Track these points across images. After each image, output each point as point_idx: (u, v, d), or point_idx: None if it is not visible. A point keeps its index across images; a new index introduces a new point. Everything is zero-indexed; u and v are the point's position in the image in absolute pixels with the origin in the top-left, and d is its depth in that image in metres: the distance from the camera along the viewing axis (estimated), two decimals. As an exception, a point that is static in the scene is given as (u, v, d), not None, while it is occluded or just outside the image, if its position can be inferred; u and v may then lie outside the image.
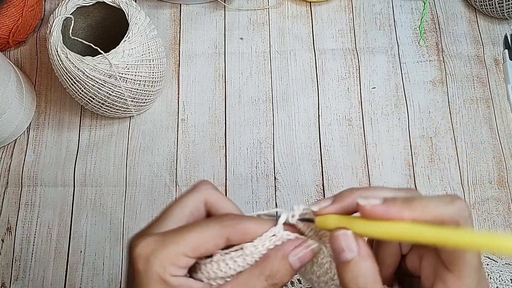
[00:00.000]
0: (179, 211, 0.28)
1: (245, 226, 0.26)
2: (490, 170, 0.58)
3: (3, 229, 0.56)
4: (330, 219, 0.26)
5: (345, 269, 0.24)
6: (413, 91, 0.62)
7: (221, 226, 0.26)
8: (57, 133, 0.60)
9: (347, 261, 0.24)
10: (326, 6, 0.66)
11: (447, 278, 0.24)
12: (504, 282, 0.52)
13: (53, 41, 0.50)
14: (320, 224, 0.27)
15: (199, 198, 0.28)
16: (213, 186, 0.29)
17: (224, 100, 0.61)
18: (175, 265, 0.25)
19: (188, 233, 0.26)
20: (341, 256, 0.25)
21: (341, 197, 0.26)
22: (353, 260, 0.24)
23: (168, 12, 0.66)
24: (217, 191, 0.29)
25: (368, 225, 0.24)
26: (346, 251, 0.24)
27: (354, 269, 0.24)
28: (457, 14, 0.66)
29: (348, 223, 0.25)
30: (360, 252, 0.24)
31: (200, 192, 0.29)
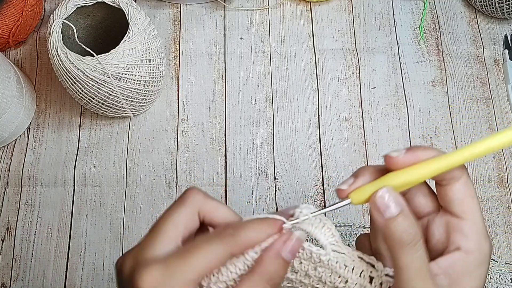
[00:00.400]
0: (173, 228, 0.27)
1: (245, 238, 0.26)
2: (490, 170, 0.58)
3: (3, 229, 0.56)
4: (367, 188, 0.27)
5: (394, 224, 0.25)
6: (413, 91, 0.62)
7: (223, 245, 0.26)
8: (57, 133, 0.60)
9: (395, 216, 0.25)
10: (326, 6, 0.66)
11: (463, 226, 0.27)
12: (504, 281, 0.52)
13: (53, 41, 0.50)
14: (357, 199, 0.27)
15: (191, 211, 0.27)
16: (203, 194, 0.28)
17: (224, 100, 0.61)
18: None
19: (193, 258, 0.25)
20: (387, 212, 0.26)
21: (361, 171, 0.28)
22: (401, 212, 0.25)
23: (168, 12, 0.66)
24: (208, 198, 0.28)
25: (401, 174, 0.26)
26: (392, 206, 0.25)
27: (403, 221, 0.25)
28: (457, 14, 0.66)
29: (383, 182, 0.27)
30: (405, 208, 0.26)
31: (191, 204, 0.28)
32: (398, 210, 0.26)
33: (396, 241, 0.25)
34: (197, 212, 0.28)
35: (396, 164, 0.27)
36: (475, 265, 0.27)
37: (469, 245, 0.27)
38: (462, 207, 0.27)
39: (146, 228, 0.54)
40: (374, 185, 0.27)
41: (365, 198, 0.27)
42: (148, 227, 0.28)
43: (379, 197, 0.26)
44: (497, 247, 0.54)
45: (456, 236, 0.27)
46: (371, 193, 0.27)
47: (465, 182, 0.28)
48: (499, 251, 0.54)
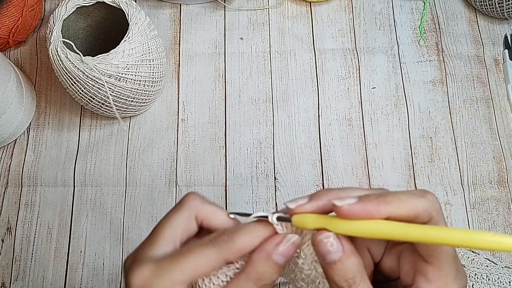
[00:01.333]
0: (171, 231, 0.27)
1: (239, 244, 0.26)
2: (490, 170, 0.58)
3: (3, 229, 0.56)
4: (308, 218, 0.26)
5: (333, 269, 0.25)
6: (413, 91, 0.62)
7: (216, 250, 0.26)
8: (57, 133, 0.60)
9: (334, 261, 0.25)
10: (326, 6, 0.66)
11: (427, 270, 0.25)
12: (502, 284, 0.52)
13: (53, 41, 0.50)
14: (297, 222, 0.26)
15: (189, 215, 0.28)
16: (201, 199, 0.28)
17: (224, 100, 0.61)
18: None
19: (184, 260, 0.25)
20: (327, 258, 0.25)
21: (318, 196, 0.26)
22: (339, 259, 0.25)
23: (168, 12, 0.66)
24: (206, 203, 0.28)
25: (347, 224, 0.24)
26: (332, 252, 0.25)
27: (342, 267, 0.25)
28: (457, 14, 0.66)
29: (327, 222, 0.25)
30: (345, 250, 0.25)
31: (189, 208, 0.28)
32: (337, 256, 0.25)
33: (335, 286, 0.25)
34: (195, 216, 0.28)
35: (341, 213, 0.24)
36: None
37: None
38: (428, 251, 0.25)
39: (146, 228, 0.54)
40: (318, 221, 0.26)
41: (304, 227, 0.26)
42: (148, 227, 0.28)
43: (319, 241, 0.25)
44: (497, 247, 0.54)
45: (420, 279, 0.26)
46: (311, 226, 0.26)
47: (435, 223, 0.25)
48: (499, 252, 0.54)
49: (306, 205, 0.26)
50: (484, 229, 0.55)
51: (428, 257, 0.25)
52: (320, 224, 0.25)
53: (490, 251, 0.22)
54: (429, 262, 0.25)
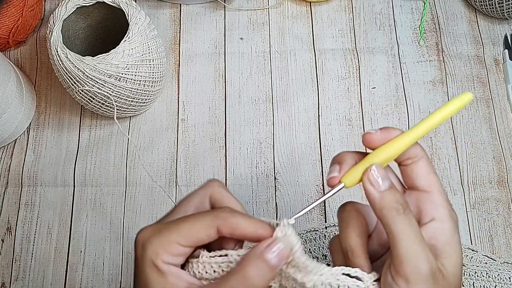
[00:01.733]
0: (185, 206, 0.30)
1: (235, 220, 0.27)
2: (490, 170, 0.58)
3: (3, 229, 0.56)
4: (355, 171, 0.29)
5: (390, 195, 0.28)
6: (413, 91, 0.62)
7: (213, 218, 0.27)
8: (57, 133, 0.60)
9: (388, 189, 0.28)
10: (326, 6, 0.66)
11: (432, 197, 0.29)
12: (502, 280, 0.52)
13: (53, 41, 0.50)
14: (349, 182, 0.29)
15: (204, 194, 0.30)
16: (220, 184, 0.31)
17: (224, 100, 0.61)
18: (168, 252, 0.27)
19: (182, 223, 0.27)
20: (382, 186, 0.28)
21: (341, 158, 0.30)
22: (390, 186, 0.28)
23: (168, 12, 0.66)
24: (223, 188, 0.31)
25: (383, 151, 0.29)
26: (385, 180, 0.28)
27: (392, 193, 0.28)
28: (457, 14, 0.66)
29: (369, 161, 0.29)
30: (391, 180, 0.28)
31: (206, 189, 0.31)
32: (389, 183, 0.28)
33: (392, 211, 0.27)
34: (209, 197, 0.30)
35: (377, 140, 0.29)
36: (451, 232, 0.28)
37: (441, 213, 0.29)
38: (428, 181, 0.29)
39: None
40: (361, 166, 0.29)
41: (357, 180, 0.29)
42: (148, 227, 0.29)
43: (371, 173, 0.28)
44: (497, 247, 0.54)
45: (428, 207, 0.29)
46: (361, 174, 0.29)
47: (426, 160, 0.30)
48: (499, 251, 0.54)
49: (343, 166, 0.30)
50: (484, 229, 0.55)
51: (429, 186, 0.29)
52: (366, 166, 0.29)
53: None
54: (431, 190, 0.29)
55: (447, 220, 0.29)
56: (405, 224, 0.27)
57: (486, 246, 0.54)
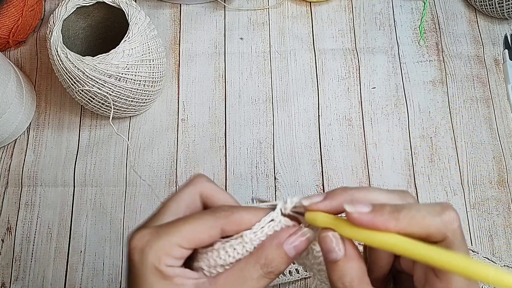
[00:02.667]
0: (175, 205, 0.28)
1: (238, 217, 0.27)
2: (490, 170, 0.58)
3: (3, 229, 0.56)
4: (320, 216, 0.26)
5: (333, 268, 0.25)
6: (413, 91, 0.62)
7: (215, 218, 0.27)
8: (57, 133, 0.60)
9: (335, 261, 0.25)
10: (326, 6, 0.66)
11: (435, 284, 0.24)
12: None
13: (53, 41, 0.50)
14: (309, 219, 0.27)
15: (194, 191, 0.29)
16: (207, 179, 0.30)
17: (224, 100, 0.61)
18: (170, 255, 0.26)
19: (183, 225, 0.26)
20: (329, 256, 0.25)
21: (333, 195, 0.26)
22: (340, 260, 0.25)
23: (168, 12, 0.66)
24: (212, 183, 0.29)
25: (355, 230, 0.24)
26: (333, 252, 0.25)
27: (340, 269, 0.25)
28: (457, 14, 0.66)
29: (336, 224, 0.25)
30: (347, 253, 0.25)
31: (195, 186, 0.29)
32: (338, 256, 0.25)
33: (333, 284, 0.25)
34: (199, 193, 0.29)
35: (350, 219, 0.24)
36: None
37: None
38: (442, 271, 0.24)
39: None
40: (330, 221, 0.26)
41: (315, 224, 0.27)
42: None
43: (323, 237, 0.25)
44: (497, 247, 0.54)
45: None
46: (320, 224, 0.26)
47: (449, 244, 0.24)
48: (499, 251, 0.54)
49: (320, 204, 0.26)
50: (484, 229, 0.55)
51: (438, 272, 0.24)
52: (329, 225, 0.26)
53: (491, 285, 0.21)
54: (439, 277, 0.24)
55: None
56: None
57: (486, 246, 0.54)
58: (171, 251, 0.26)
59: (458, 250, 0.24)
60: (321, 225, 0.26)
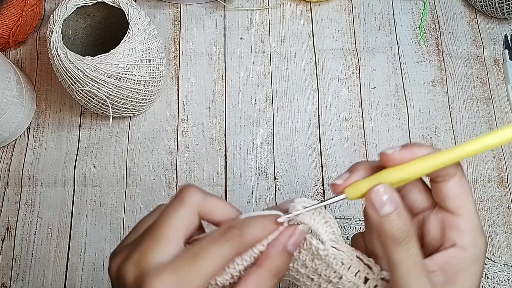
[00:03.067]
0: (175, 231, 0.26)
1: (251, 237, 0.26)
2: (490, 170, 0.58)
3: (3, 229, 0.56)
4: (362, 183, 0.27)
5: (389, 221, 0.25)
6: (413, 91, 0.62)
7: (230, 246, 0.26)
8: (57, 133, 0.60)
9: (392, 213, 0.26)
10: (326, 6, 0.66)
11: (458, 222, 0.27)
12: (501, 282, 0.52)
13: (53, 41, 0.50)
14: (352, 194, 0.27)
15: (192, 211, 0.27)
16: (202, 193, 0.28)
17: (224, 100, 0.61)
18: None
19: (203, 263, 0.25)
20: (383, 210, 0.26)
21: (356, 168, 0.28)
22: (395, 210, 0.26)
23: (168, 12, 0.66)
24: (207, 197, 0.28)
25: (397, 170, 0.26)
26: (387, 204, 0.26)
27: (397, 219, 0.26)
28: (457, 14, 0.66)
29: (379, 178, 0.27)
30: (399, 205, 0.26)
31: (191, 205, 0.27)
32: (392, 207, 0.26)
33: (390, 238, 0.26)
34: (197, 212, 0.27)
35: (392, 161, 0.27)
36: (471, 261, 0.27)
37: (464, 241, 0.27)
38: (457, 203, 0.27)
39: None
40: (370, 181, 0.27)
41: (360, 194, 0.27)
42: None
43: (375, 194, 0.26)
44: (497, 247, 0.54)
45: (452, 232, 0.27)
46: (366, 189, 0.27)
47: (459, 178, 0.27)
48: (499, 251, 0.54)
49: (353, 175, 0.28)
50: (484, 229, 0.55)
51: (458, 208, 0.27)
52: (374, 183, 0.26)
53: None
54: (459, 214, 0.27)
55: (470, 248, 0.27)
56: (402, 254, 0.26)
57: (486, 246, 0.54)
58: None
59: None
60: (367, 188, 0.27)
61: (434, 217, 0.28)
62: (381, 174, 0.27)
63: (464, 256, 0.27)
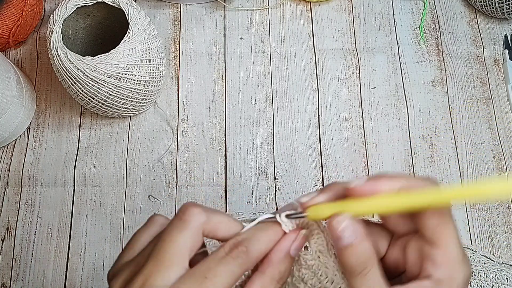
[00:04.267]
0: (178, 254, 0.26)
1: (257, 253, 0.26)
2: (490, 170, 0.58)
3: (3, 229, 0.56)
4: (323, 207, 0.27)
5: (348, 252, 0.25)
6: (413, 91, 0.62)
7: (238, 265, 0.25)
8: (57, 133, 0.60)
9: (349, 245, 0.25)
10: (326, 6, 0.66)
11: (435, 255, 0.25)
12: (500, 281, 0.52)
13: (53, 41, 0.50)
14: (313, 215, 0.27)
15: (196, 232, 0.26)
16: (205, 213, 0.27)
17: (224, 100, 0.61)
18: None
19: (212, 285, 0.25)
20: (342, 242, 0.25)
21: (328, 188, 0.27)
22: (353, 242, 0.25)
23: (168, 12, 0.66)
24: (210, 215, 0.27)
25: (361, 203, 0.25)
26: (346, 236, 0.25)
27: (355, 251, 0.25)
28: (457, 14, 0.66)
29: (342, 206, 0.26)
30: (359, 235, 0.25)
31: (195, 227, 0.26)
32: (351, 240, 0.25)
33: (348, 270, 0.25)
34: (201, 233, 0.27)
35: (355, 195, 0.26)
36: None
37: (439, 274, 0.25)
38: (435, 234, 0.25)
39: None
40: (334, 207, 0.26)
41: (321, 217, 0.27)
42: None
43: (335, 222, 0.25)
44: (497, 247, 0.54)
45: (427, 263, 0.26)
46: (328, 214, 0.26)
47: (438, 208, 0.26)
48: (499, 251, 0.54)
49: (319, 197, 0.27)
50: (484, 229, 0.55)
51: (435, 239, 0.25)
52: (336, 209, 0.26)
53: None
54: (437, 245, 0.25)
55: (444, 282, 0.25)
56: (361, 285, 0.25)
57: (486, 246, 0.54)
58: None
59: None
60: (327, 213, 0.26)
61: (414, 244, 0.27)
62: (346, 203, 0.26)
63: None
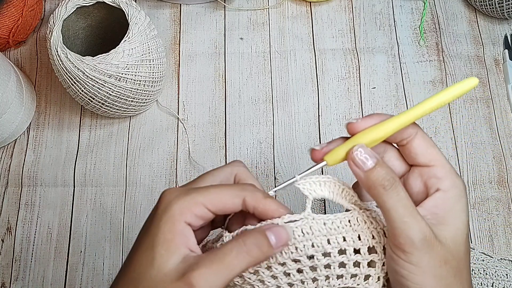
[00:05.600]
0: (211, 178, 0.31)
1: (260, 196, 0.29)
2: (490, 170, 0.58)
3: (3, 229, 0.56)
4: (339, 150, 0.30)
5: (376, 172, 0.28)
6: (413, 91, 0.62)
7: (241, 189, 0.29)
8: (57, 133, 0.60)
9: (374, 166, 0.28)
10: (326, 6, 0.66)
11: (435, 171, 0.30)
12: (500, 277, 0.52)
13: (53, 41, 0.50)
14: (332, 160, 0.30)
15: (230, 171, 0.32)
16: (244, 165, 0.33)
17: (224, 100, 0.61)
18: (192, 212, 0.28)
19: (212, 188, 0.29)
20: (366, 166, 0.28)
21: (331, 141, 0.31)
22: (378, 162, 0.28)
23: (168, 12, 0.66)
24: (247, 170, 0.33)
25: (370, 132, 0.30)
26: (369, 159, 0.28)
27: (383, 169, 0.28)
28: (457, 14, 0.66)
29: (354, 141, 0.30)
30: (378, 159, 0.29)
31: (232, 167, 0.32)
32: (374, 161, 0.29)
33: (378, 188, 0.28)
34: (235, 175, 0.32)
35: (358, 128, 0.30)
36: (454, 200, 0.30)
37: (445, 184, 0.30)
38: (428, 156, 0.30)
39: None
40: (346, 146, 0.30)
41: (339, 158, 0.30)
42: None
43: (355, 153, 0.29)
44: (497, 247, 0.54)
45: (432, 181, 0.30)
46: (344, 153, 0.30)
47: (422, 136, 0.31)
48: (499, 251, 0.54)
49: (330, 145, 0.31)
50: (484, 229, 0.55)
51: (431, 160, 0.30)
52: (348, 147, 0.29)
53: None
54: (433, 164, 0.30)
55: (451, 189, 0.30)
56: (393, 199, 0.28)
57: (486, 246, 0.54)
58: (195, 208, 0.28)
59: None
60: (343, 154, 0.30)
61: (413, 175, 0.31)
62: (354, 138, 0.30)
63: (448, 197, 0.30)
